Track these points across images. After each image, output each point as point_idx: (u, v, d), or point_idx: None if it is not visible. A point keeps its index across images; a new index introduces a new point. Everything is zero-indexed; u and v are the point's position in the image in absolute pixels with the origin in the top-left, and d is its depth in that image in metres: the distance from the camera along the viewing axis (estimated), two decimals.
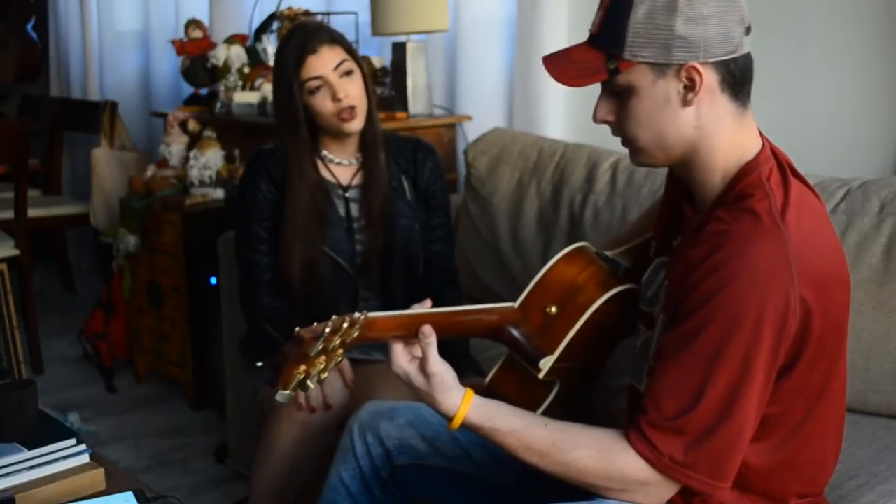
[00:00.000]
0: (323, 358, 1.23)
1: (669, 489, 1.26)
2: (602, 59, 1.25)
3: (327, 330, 1.22)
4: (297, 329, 1.21)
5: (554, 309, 1.50)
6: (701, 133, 1.26)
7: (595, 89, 1.31)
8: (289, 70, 1.98)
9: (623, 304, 1.53)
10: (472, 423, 1.32)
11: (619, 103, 1.28)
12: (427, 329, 1.33)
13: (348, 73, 1.99)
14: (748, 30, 1.25)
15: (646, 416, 1.23)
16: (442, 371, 1.32)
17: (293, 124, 2.01)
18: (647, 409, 1.24)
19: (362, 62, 2.05)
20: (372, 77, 2.14)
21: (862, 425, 1.75)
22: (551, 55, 1.31)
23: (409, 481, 1.57)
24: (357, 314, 1.28)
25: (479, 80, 3.00)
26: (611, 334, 1.58)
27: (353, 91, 1.99)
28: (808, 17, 2.26)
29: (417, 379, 1.33)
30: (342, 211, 2.09)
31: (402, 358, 1.35)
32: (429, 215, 2.17)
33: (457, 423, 1.32)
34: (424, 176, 2.15)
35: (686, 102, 1.24)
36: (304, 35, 2.00)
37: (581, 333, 1.50)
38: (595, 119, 1.32)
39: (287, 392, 1.24)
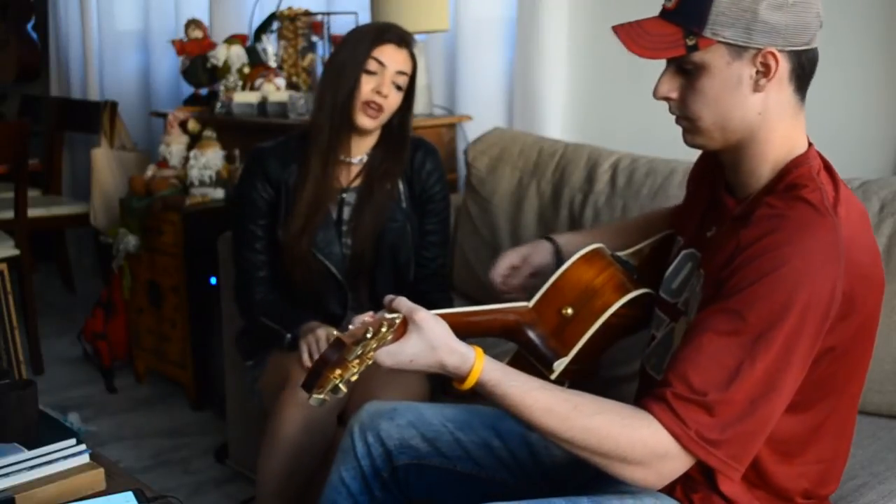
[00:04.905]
0: (357, 361, 1.22)
1: (685, 464, 1.22)
2: (680, 34, 1.24)
3: (369, 335, 1.20)
4: (335, 333, 1.21)
5: (570, 311, 1.50)
6: (763, 120, 1.27)
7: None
8: (368, 37, 2.03)
9: (637, 307, 1.53)
10: (488, 378, 1.23)
11: (684, 81, 1.28)
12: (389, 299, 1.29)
13: (400, 87, 2.04)
14: (821, 24, 1.27)
15: (671, 388, 1.20)
16: (436, 323, 1.26)
17: (345, 81, 2.01)
18: (671, 381, 1.20)
19: (414, 94, 2.09)
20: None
21: (862, 425, 1.73)
22: (622, 25, 1.29)
23: (409, 481, 1.57)
24: (390, 316, 1.26)
25: (479, 80, 3.00)
26: (621, 335, 1.58)
27: (393, 99, 2.03)
28: None
29: (415, 344, 1.24)
30: (334, 213, 2.10)
31: (391, 348, 1.26)
32: (423, 220, 2.15)
33: (473, 377, 1.23)
34: (421, 178, 2.13)
35: (757, 88, 1.25)
36: (400, 30, 2.07)
37: (595, 336, 1.50)
38: (656, 94, 1.31)
39: (321, 396, 1.23)
